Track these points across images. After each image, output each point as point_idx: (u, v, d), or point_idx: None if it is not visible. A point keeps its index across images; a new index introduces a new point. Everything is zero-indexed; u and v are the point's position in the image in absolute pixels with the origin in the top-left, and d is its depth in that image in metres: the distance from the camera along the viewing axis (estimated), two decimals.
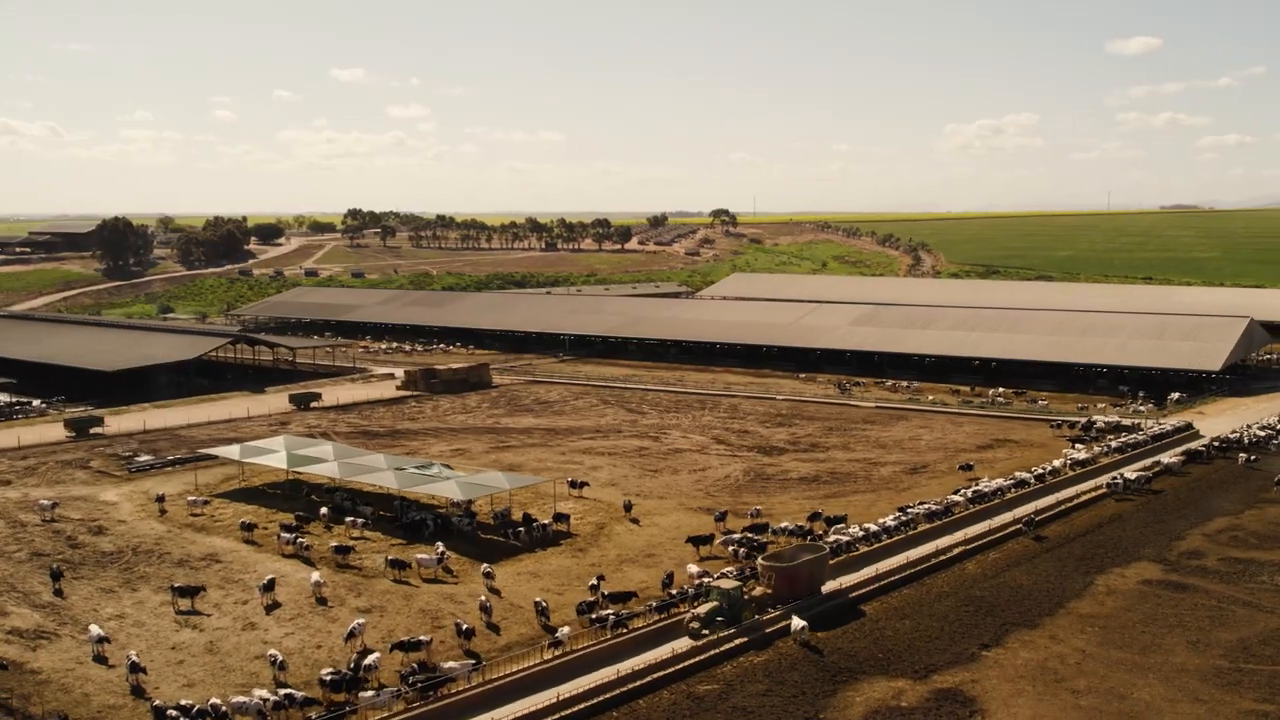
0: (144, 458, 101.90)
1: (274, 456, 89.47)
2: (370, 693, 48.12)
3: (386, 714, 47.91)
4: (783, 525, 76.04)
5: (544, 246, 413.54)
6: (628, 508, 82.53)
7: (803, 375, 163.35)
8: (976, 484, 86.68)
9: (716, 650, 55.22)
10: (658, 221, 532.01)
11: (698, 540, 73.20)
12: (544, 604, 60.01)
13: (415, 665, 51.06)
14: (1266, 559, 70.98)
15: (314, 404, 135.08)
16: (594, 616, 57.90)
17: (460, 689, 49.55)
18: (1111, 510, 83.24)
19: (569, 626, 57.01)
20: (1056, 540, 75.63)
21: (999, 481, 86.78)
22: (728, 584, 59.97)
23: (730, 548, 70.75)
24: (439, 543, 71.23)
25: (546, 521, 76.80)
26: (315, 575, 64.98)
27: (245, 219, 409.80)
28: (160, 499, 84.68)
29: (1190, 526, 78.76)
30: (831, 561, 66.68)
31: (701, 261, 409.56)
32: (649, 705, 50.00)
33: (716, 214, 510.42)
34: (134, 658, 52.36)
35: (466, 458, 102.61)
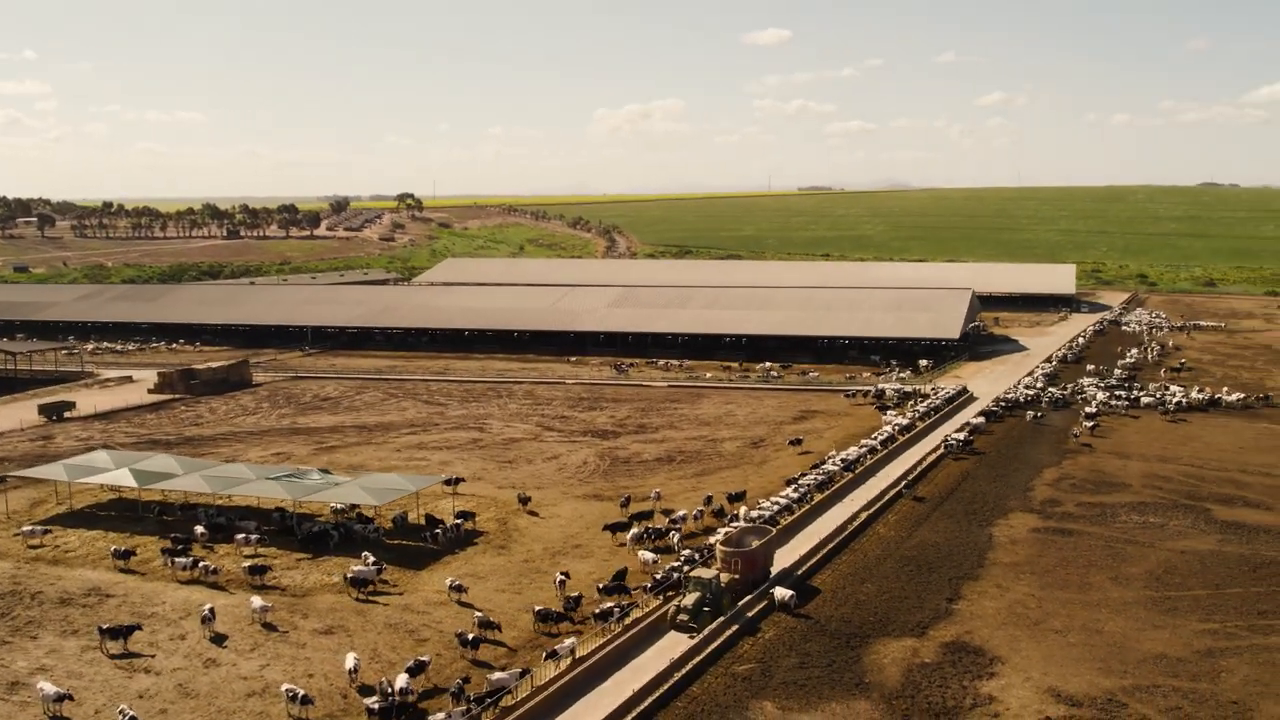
0: None
1: (111, 474, 79.85)
2: (441, 714, 45.15)
3: None
4: (681, 513, 75.60)
5: (226, 234, 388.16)
6: (524, 501, 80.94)
7: (573, 359, 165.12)
8: (834, 455, 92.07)
9: (731, 632, 56.09)
10: (340, 206, 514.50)
11: (615, 528, 73.39)
12: (546, 610, 57.93)
13: (460, 679, 48.37)
14: (1113, 501, 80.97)
15: (69, 414, 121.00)
16: (596, 612, 56.98)
17: (520, 699, 47.56)
18: (956, 469, 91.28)
19: (574, 635, 55.37)
20: (933, 500, 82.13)
21: (855, 450, 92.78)
22: (706, 573, 60.40)
23: (674, 535, 71.29)
24: (366, 553, 66.96)
25: (458, 521, 74.09)
26: (257, 600, 59.32)
27: None
28: None
29: (1030, 479, 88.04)
30: None
31: (398, 247, 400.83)
32: (703, 691, 50.21)
33: (402, 198, 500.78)
34: (131, 713, 45.91)
35: (294, 462, 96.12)
